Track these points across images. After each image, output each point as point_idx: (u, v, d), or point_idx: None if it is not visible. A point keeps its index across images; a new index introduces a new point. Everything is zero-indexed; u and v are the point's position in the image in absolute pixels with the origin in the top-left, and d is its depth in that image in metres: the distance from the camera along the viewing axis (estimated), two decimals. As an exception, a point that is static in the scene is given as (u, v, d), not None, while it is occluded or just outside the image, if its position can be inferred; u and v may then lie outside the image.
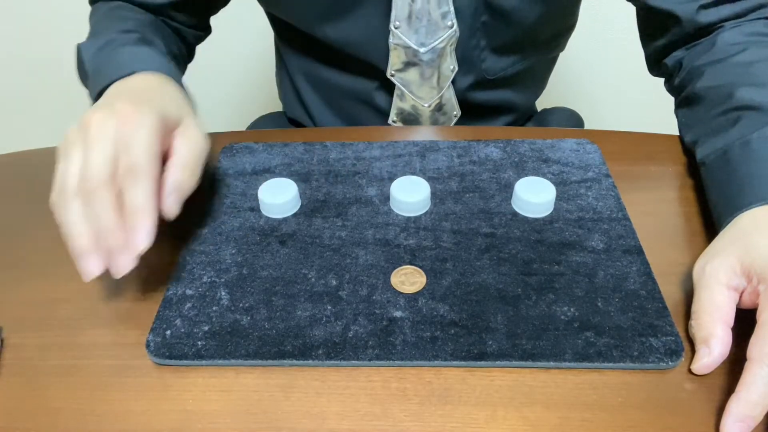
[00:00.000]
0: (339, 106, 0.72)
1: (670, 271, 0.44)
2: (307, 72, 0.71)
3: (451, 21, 0.58)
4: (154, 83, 0.49)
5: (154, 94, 0.47)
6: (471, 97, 0.67)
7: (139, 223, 0.40)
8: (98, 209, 0.39)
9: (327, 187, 0.52)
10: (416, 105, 0.65)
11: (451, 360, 0.38)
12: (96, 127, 0.41)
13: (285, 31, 0.71)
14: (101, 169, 0.40)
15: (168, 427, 0.36)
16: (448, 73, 0.63)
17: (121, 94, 0.47)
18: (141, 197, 0.40)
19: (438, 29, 0.58)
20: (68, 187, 0.40)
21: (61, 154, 0.43)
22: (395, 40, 0.60)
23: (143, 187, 0.40)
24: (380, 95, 0.68)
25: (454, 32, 0.59)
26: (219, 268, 0.45)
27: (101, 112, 0.42)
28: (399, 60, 0.61)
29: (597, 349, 0.38)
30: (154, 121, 0.42)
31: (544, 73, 0.75)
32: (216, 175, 0.53)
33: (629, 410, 0.36)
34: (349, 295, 0.42)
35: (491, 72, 0.65)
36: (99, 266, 0.39)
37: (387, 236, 0.47)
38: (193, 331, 0.40)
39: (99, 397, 0.38)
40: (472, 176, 0.52)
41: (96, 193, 0.39)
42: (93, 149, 0.40)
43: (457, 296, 0.42)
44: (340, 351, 0.39)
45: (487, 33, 0.61)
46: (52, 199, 0.41)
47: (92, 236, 0.40)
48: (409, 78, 0.63)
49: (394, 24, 0.59)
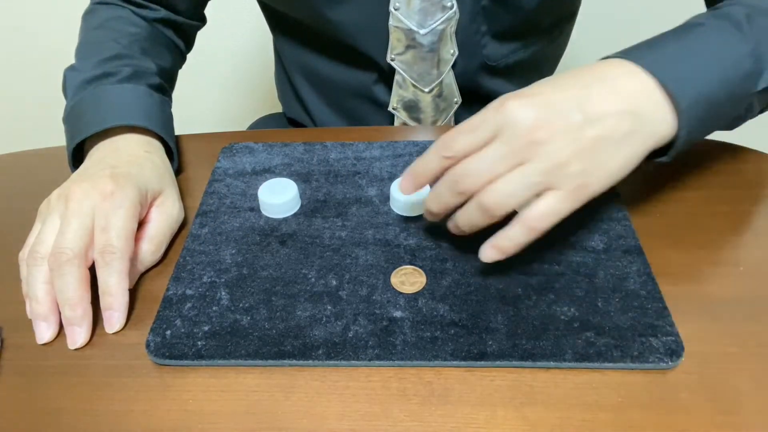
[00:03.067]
0: (337, 102, 0.72)
1: (670, 271, 0.44)
2: (305, 69, 0.71)
3: (451, 2, 0.58)
4: (139, 151, 0.50)
5: (137, 165, 0.48)
6: (472, 84, 0.67)
7: (114, 305, 0.42)
8: (65, 282, 0.41)
9: (327, 187, 0.52)
10: (417, 91, 0.65)
11: (451, 360, 0.38)
12: (76, 201, 0.43)
13: (282, 25, 0.70)
14: (75, 244, 0.41)
15: (168, 427, 0.36)
16: (449, 57, 0.63)
17: (103, 162, 0.48)
18: (114, 279, 0.41)
19: (437, 10, 0.59)
20: (40, 250, 0.42)
21: (40, 216, 0.45)
22: (395, 22, 0.60)
23: (117, 268, 0.41)
24: (379, 87, 0.67)
25: (453, 14, 0.59)
26: (219, 268, 0.45)
27: (83, 186, 0.44)
28: (399, 43, 0.61)
29: (597, 349, 0.38)
30: (133, 199, 0.44)
31: (546, 66, 0.75)
32: (216, 175, 0.53)
33: (629, 410, 0.36)
34: (349, 295, 0.42)
35: (492, 58, 0.65)
36: (52, 333, 0.41)
37: (387, 236, 0.47)
38: (193, 331, 0.40)
39: (99, 397, 0.38)
40: (472, 176, 0.52)
41: (65, 267, 0.41)
42: (70, 223, 0.42)
43: (457, 296, 0.42)
44: (340, 351, 0.39)
45: (488, 18, 0.62)
46: (21, 255, 0.44)
47: (51, 304, 0.41)
48: (409, 61, 0.63)
49: (394, 5, 0.59)
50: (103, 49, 0.57)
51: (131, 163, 0.48)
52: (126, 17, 0.62)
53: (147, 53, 0.60)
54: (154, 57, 0.60)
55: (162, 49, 0.63)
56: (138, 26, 0.61)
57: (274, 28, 0.73)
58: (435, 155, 0.40)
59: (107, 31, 0.60)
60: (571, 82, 0.40)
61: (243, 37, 1.30)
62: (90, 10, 0.64)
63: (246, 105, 1.44)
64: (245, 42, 1.32)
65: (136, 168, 0.47)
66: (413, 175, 0.41)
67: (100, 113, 0.51)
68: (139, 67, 0.56)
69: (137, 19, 0.62)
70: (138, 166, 0.48)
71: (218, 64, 1.35)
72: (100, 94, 0.53)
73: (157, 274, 0.46)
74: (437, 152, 0.40)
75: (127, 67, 0.55)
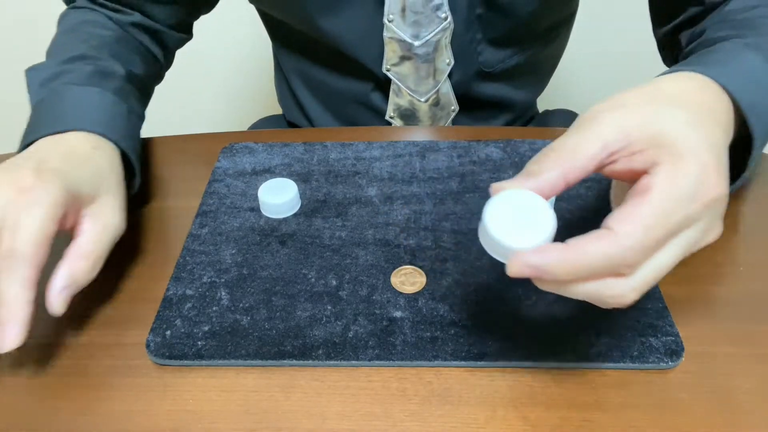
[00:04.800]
0: (336, 107, 0.72)
1: (669, 272, 0.44)
2: (303, 74, 0.71)
3: (445, 13, 0.58)
4: (84, 147, 0.44)
5: (73, 162, 0.42)
6: (469, 91, 0.67)
7: (10, 320, 0.36)
8: None
9: (327, 187, 0.52)
10: (413, 100, 0.65)
11: (451, 360, 0.38)
12: None
13: (280, 32, 0.70)
14: None
15: (168, 427, 0.36)
16: (444, 67, 0.62)
17: (34, 155, 0.42)
18: (14, 288, 0.36)
19: (431, 22, 0.58)
20: None
21: None
22: (389, 33, 0.60)
23: (19, 276, 0.36)
24: (376, 95, 0.67)
25: (448, 24, 0.59)
26: (219, 268, 0.45)
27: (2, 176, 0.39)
28: (394, 54, 0.61)
29: (597, 349, 0.38)
30: (55, 199, 0.38)
31: (544, 69, 0.74)
32: (216, 175, 0.53)
33: (629, 410, 0.36)
34: (349, 295, 0.42)
35: (489, 64, 0.65)
36: None
37: (387, 236, 0.47)
38: (193, 331, 0.40)
39: (99, 397, 0.38)
40: (472, 176, 0.52)
41: None
42: None
43: (457, 296, 0.42)
44: (340, 351, 0.39)
45: (483, 25, 0.61)
46: None
47: None
48: (405, 72, 0.63)
49: (387, 17, 0.59)
50: (69, 49, 0.53)
51: (66, 159, 0.42)
52: (98, 21, 0.59)
53: (116, 57, 0.55)
54: (123, 61, 0.55)
55: (133, 55, 0.58)
56: (110, 29, 0.58)
57: (272, 34, 0.73)
58: (605, 262, 0.29)
59: (77, 33, 0.57)
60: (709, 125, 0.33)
61: (244, 38, 1.30)
62: (64, 14, 0.61)
63: (246, 107, 1.44)
64: (246, 43, 1.32)
65: (70, 165, 0.41)
66: (571, 267, 0.30)
67: (57, 114, 0.47)
68: (104, 68, 0.52)
69: (110, 23, 0.59)
70: (73, 163, 0.42)
71: (219, 65, 1.35)
72: (63, 93, 0.48)
73: (157, 274, 0.46)
74: (609, 263, 0.30)
75: (88, 66, 0.51)
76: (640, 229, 0.29)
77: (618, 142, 0.31)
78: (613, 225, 0.30)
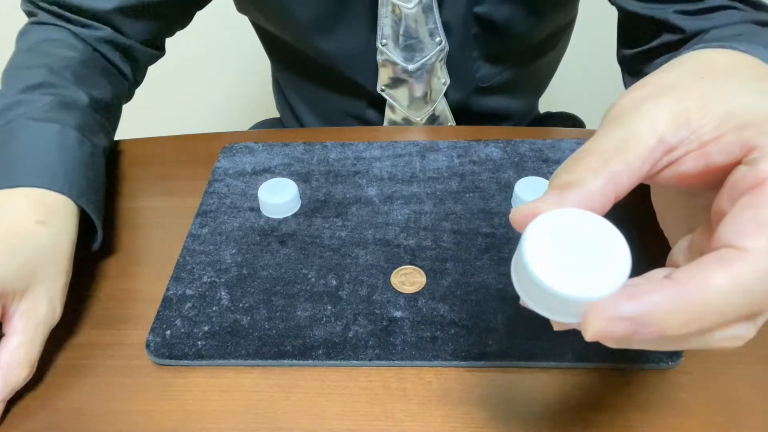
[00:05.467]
0: (331, 120, 0.72)
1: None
2: (299, 89, 0.71)
3: (440, 38, 0.57)
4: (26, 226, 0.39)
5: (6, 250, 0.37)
6: (466, 107, 0.66)
7: None
8: None
9: (327, 187, 0.52)
10: (408, 118, 0.65)
11: (451, 360, 0.38)
12: None
13: (276, 47, 0.70)
14: None
15: (168, 427, 0.36)
16: (440, 87, 0.62)
17: None
18: None
19: (425, 47, 0.58)
20: None
21: None
22: (383, 57, 0.59)
23: None
24: (371, 111, 0.67)
25: (443, 47, 0.58)
26: (219, 268, 0.45)
27: None
28: (387, 76, 0.61)
29: (597, 349, 0.38)
30: None
31: (543, 76, 0.74)
32: (216, 175, 0.53)
33: (629, 410, 0.36)
34: (349, 295, 0.42)
35: (485, 79, 0.64)
36: None
37: (387, 236, 0.47)
38: (193, 331, 0.40)
39: (99, 397, 0.38)
40: (472, 176, 0.52)
41: None
42: None
43: (457, 296, 0.42)
44: (340, 351, 0.39)
45: (479, 44, 0.60)
46: None
47: None
48: (398, 95, 0.62)
49: (380, 41, 0.58)
50: (29, 75, 0.49)
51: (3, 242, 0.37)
52: (63, 40, 0.54)
53: (80, 82, 0.51)
54: (88, 86, 0.51)
55: (100, 78, 0.54)
56: (75, 50, 0.53)
57: (269, 50, 0.73)
58: (742, 299, 0.22)
59: (38, 54, 0.52)
60: None
61: (245, 38, 1.30)
62: (24, 31, 0.56)
63: (246, 107, 1.44)
64: (246, 44, 1.31)
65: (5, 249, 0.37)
66: (691, 312, 0.22)
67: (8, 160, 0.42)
68: (65, 98, 0.48)
69: (76, 41, 0.54)
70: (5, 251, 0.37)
71: (219, 66, 1.35)
72: (18, 132, 0.43)
73: (157, 274, 0.46)
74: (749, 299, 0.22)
75: (48, 96, 0.47)
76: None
77: (678, 135, 0.24)
78: (737, 241, 0.21)
